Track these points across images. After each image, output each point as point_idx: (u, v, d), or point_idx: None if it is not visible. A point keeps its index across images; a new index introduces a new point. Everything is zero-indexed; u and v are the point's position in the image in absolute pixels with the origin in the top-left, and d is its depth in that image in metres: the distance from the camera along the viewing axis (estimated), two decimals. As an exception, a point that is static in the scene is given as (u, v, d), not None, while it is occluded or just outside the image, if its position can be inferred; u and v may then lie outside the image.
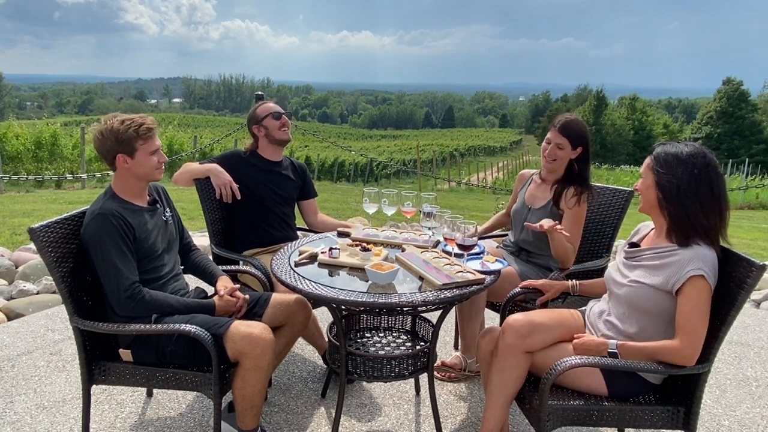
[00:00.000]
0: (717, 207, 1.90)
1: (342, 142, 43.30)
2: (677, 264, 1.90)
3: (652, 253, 2.00)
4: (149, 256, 2.27)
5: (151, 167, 2.25)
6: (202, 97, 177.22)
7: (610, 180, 28.85)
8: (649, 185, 2.00)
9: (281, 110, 3.14)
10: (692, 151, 1.93)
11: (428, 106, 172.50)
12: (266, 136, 3.13)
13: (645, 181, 2.02)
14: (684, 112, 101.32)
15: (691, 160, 1.91)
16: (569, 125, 2.75)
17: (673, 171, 1.92)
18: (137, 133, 2.19)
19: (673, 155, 1.94)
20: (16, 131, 14.76)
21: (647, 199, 2.02)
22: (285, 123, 3.13)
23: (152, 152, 2.24)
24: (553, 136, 2.77)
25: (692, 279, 1.86)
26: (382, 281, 2.19)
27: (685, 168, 1.91)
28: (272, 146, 3.16)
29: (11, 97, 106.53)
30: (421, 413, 2.72)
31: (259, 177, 3.11)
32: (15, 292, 4.05)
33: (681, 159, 1.92)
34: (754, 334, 3.89)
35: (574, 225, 2.75)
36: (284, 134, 3.14)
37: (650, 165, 2.00)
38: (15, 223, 6.46)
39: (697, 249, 1.89)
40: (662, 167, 1.95)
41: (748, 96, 51.38)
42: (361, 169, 31.50)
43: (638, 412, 2.01)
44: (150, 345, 2.20)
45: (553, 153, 2.77)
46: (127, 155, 2.21)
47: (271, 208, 3.13)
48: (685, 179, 1.90)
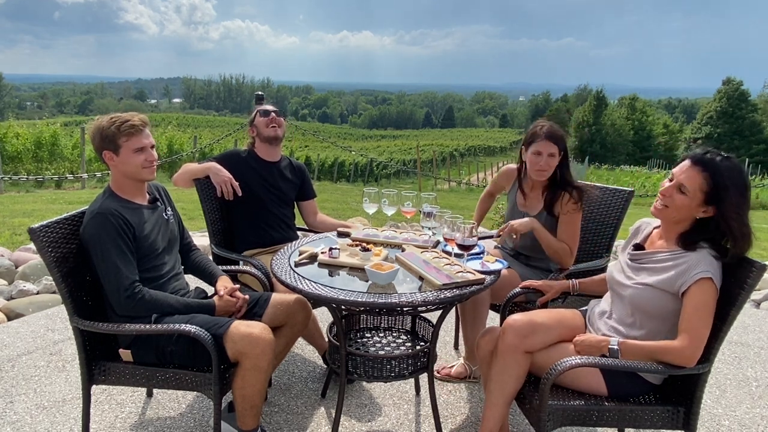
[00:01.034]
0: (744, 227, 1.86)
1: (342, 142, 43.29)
2: (685, 266, 1.89)
3: (659, 256, 1.99)
4: (149, 255, 2.27)
5: (136, 165, 2.24)
6: (202, 97, 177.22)
7: (610, 180, 28.85)
8: (693, 207, 1.89)
9: (270, 108, 3.19)
10: (742, 175, 1.86)
11: (428, 106, 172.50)
12: (257, 135, 3.18)
13: (690, 199, 1.88)
14: (684, 112, 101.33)
15: (742, 186, 1.85)
16: (554, 132, 2.70)
17: (730, 199, 1.83)
18: (119, 130, 2.19)
19: (733, 183, 1.83)
20: (16, 131, 14.76)
21: (680, 213, 1.91)
22: (273, 120, 3.15)
23: (137, 150, 2.22)
24: (544, 146, 2.68)
25: (700, 281, 1.85)
26: (382, 281, 2.19)
27: (738, 194, 1.84)
28: (265, 145, 3.18)
29: (11, 97, 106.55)
30: (421, 413, 2.72)
31: (257, 176, 3.12)
32: (15, 292, 4.05)
33: (737, 186, 1.84)
34: (754, 334, 3.89)
35: (569, 226, 2.75)
36: (271, 131, 3.15)
37: (704, 186, 1.86)
38: (15, 223, 6.46)
39: (704, 252, 1.89)
40: (721, 193, 1.84)
41: (748, 96, 51.38)
42: (361, 169, 31.50)
43: (638, 412, 2.01)
44: (150, 345, 2.20)
45: (547, 164, 2.70)
46: (112, 152, 2.22)
47: (270, 208, 3.13)
48: (734, 208, 1.83)
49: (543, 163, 2.69)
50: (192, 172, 3.04)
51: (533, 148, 2.72)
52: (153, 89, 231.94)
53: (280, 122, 3.18)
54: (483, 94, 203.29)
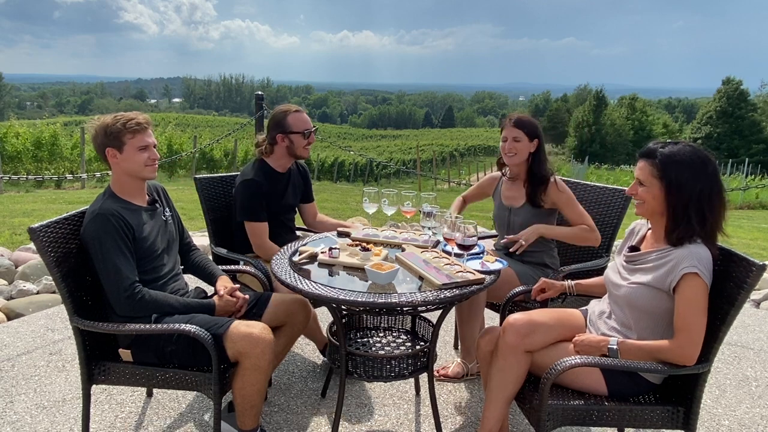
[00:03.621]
0: (719, 208, 1.90)
1: (342, 142, 43.30)
2: (672, 263, 1.91)
3: (651, 255, 2.01)
4: (149, 256, 2.27)
5: (139, 163, 2.24)
6: (201, 97, 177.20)
7: (610, 180, 28.86)
8: (655, 196, 1.95)
9: (311, 128, 3.03)
10: (695, 152, 1.91)
11: (428, 106, 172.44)
12: (287, 148, 2.99)
13: (650, 190, 1.96)
14: (684, 112, 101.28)
15: (696, 162, 1.90)
16: (522, 119, 2.87)
17: (681, 175, 1.89)
18: (125, 127, 2.19)
19: (678, 160, 1.90)
20: (16, 131, 14.77)
21: (651, 205, 1.98)
22: (311, 141, 3.04)
23: (141, 148, 2.23)
24: (508, 131, 2.86)
25: (687, 277, 1.86)
26: (382, 281, 2.19)
27: (692, 171, 1.89)
28: (287, 157, 3.04)
29: (11, 97, 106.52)
30: (421, 413, 2.72)
31: (273, 194, 3.02)
32: (15, 291, 4.05)
33: (687, 162, 1.89)
34: (754, 334, 3.89)
35: (571, 208, 2.84)
36: (306, 152, 3.04)
37: (654, 174, 1.94)
38: (15, 223, 6.46)
39: (690, 247, 1.89)
40: (669, 172, 1.91)
41: (748, 96, 51.37)
42: (361, 169, 31.49)
43: (638, 412, 2.01)
44: (150, 345, 2.20)
45: (511, 147, 2.85)
46: (115, 149, 2.22)
47: (278, 216, 3.08)
48: (698, 189, 1.87)
49: (507, 146, 2.86)
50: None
51: (502, 135, 2.91)
52: (153, 89, 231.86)
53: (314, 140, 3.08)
54: (483, 94, 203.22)
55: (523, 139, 2.84)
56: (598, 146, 55.00)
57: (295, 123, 2.98)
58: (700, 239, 1.90)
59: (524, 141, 2.84)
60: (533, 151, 2.86)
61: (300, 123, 2.98)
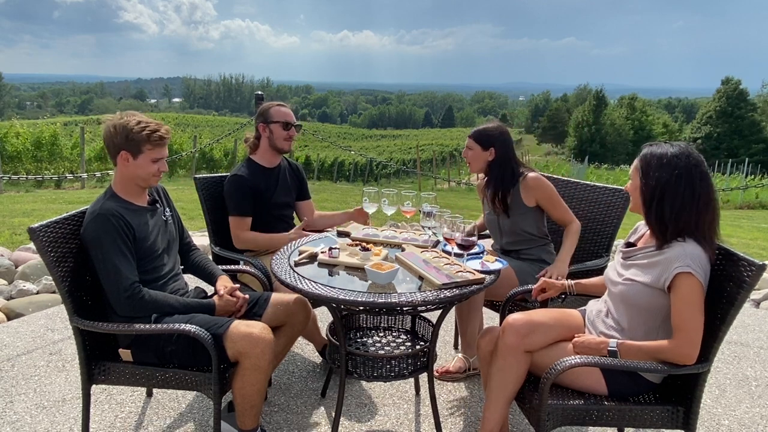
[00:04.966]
0: (696, 207, 1.90)
1: (342, 141, 43.31)
2: (665, 261, 1.91)
3: (644, 252, 2.02)
4: (149, 256, 2.27)
5: (149, 173, 2.25)
6: (201, 97, 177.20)
7: (610, 180, 28.84)
8: (636, 187, 2.03)
9: (293, 121, 3.10)
10: (676, 151, 1.94)
11: (428, 106, 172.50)
12: (268, 138, 3.10)
13: (633, 182, 2.06)
14: (684, 112, 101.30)
15: (674, 161, 1.93)
16: (478, 130, 2.91)
17: (656, 173, 1.95)
18: (149, 138, 2.19)
19: (658, 157, 1.96)
20: (16, 130, 14.77)
21: (634, 197, 2.06)
22: (292, 135, 3.11)
23: (155, 160, 2.24)
24: (467, 143, 2.94)
25: (680, 276, 1.86)
26: (381, 281, 2.19)
27: (666, 169, 1.93)
28: (271, 151, 3.13)
29: (11, 97, 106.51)
30: (421, 413, 2.72)
31: (261, 189, 3.06)
32: (15, 291, 4.05)
33: (664, 161, 1.94)
34: (754, 333, 3.89)
35: (557, 206, 2.86)
36: (285, 145, 3.11)
37: (636, 167, 2.03)
38: (15, 223, 6.46)
39: (683, 246, 1.89)
40: (647, 169, 1.98)
41: (747, 95, 51.38)
42: (361, 169, 31.49)
43: (638, 412, 2.01)
44: (150, 345, 2.20)
45: (464, 154, 2.96)
46: (130, 154, 2.21)
47: (271, 211, 3.12)
48: (664, 180, 1.92)
49: (464, 154, 2.98)
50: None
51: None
52: (153, 89, 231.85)
53: (295, 137, 3.14)
54: (483, 94, 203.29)
55: (475, 148, 2.88)
56: (598, 146, 54.99)
57: (277, 114, 3.08)
58: (691, 238, 1.91)
59: (476, 150, 2.87)
60: (491, 159, 2.87)
61: (280, 115, 3.08)
